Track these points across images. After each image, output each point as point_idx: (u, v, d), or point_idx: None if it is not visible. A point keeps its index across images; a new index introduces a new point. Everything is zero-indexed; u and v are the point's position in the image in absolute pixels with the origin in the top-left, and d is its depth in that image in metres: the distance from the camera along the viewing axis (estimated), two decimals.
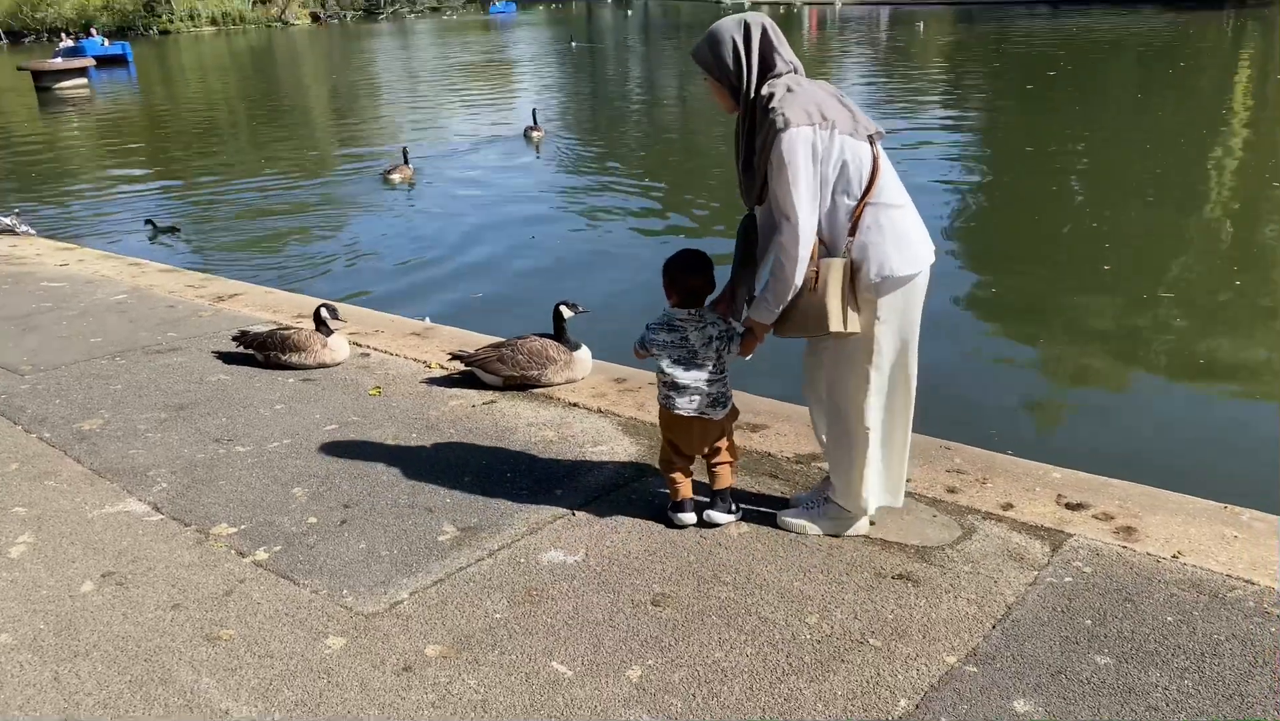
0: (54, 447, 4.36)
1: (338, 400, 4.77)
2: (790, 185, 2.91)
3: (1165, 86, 18.82)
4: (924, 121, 15.87)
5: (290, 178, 14.43)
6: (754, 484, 3.69)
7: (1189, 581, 2.98)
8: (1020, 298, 7.45)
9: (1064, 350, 6.41)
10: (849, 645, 2.77)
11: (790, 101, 2.92)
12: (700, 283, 3.27)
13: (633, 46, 40.81)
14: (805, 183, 2.91)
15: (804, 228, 2.93)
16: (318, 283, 8.74)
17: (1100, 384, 6.03)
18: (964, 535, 3.30)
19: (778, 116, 2.90)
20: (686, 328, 3.27)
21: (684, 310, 3.29)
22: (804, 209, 2.92)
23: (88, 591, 3.21)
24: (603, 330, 6.67)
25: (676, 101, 22.72)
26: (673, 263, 3.31)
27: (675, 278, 3.29)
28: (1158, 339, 6.55)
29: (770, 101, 2.95)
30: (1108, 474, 3.69)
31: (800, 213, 2.92)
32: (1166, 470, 4.12)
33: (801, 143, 2.89)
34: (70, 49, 39.46)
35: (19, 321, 6.34)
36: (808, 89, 2.98)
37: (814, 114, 2.91)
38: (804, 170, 2.90)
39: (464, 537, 3.43)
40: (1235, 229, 8.90)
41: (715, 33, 3.07)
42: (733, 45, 3.01)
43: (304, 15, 75.96)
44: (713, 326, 3.27)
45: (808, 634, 2.83)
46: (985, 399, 5.75)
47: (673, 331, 3.29)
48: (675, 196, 11.87)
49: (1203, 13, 34.96)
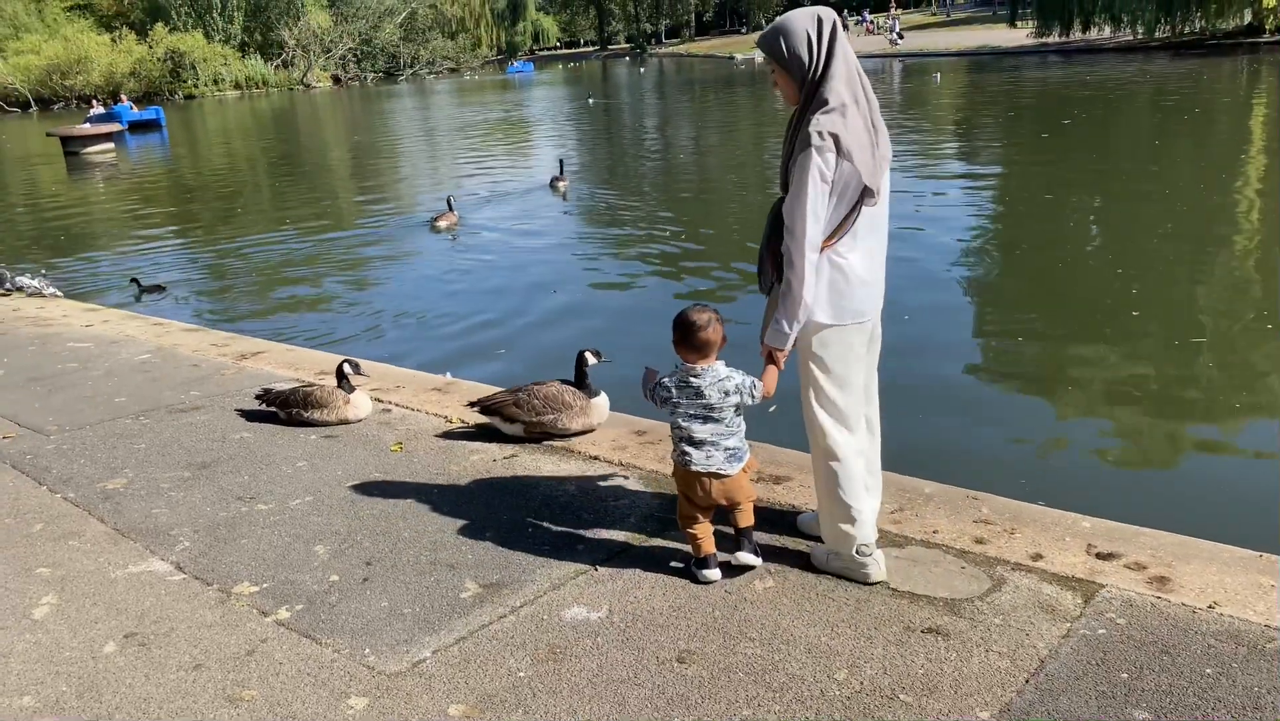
0: (78, 507, 4.37)
1: (360, 456, 4.78)
2: (802, 200, 3.00)
3: (1181, 133, 18.86)
4: (942, 170, 15.94)
5: (317, 235, 14.61)
6: (777, 537, 3.65)
7: (1227, 632, 2.91)
8: (1047, 345, 7.40)
9: (1090, 398, 6.35)
10: (879, 701, 2.71)
11: (833, 122, 2.99)
12: (708, 337, 3.26)
13: (649, 102, 41.38)
14: (813, 201, 3.00)
15: (809, 242, 3.01)
16: (341, 339, 8.80)
17: (1128, 431, 5.96)
18: (994, 587, 3.25)
19: (813, 133, 2.97)
20: (701, 383, 3.26)
21: (698, 366, 3.27)
22: (810, 224, 3.00)
23: (110, 652, 3.20)
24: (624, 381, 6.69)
25: (694, 153, 22.97)
26: (681, 320, 3.29)
27: (685, 334, 3.28)
28: (1186, 385, 6.48)
29: (818, 110, 3.01)
30: (1139, 522, 3.63)
31: (807, 227, 3.00)
32: (1199, 518, 4.05)
33: (824, 167, 2.98)
34: (102, 115, 40.21)
35: (46, 382, 6.40)
36: (853, 117, 3.04)
37: (845, 141, 2.98)
38: (815, 190, 2.99)
39: (486, 594, 3.40)
40: (1261, 274, 8.84)
41: (788, 24, 3.09)
42: (806, 38, 3.04)
43: (325, 78, 77.55)
44: (729, 379, 3.26)
45: (836, 690, 2.77)
46: (1011, 448, 5.70)
47: (687, 387, 3.28)
48: (697, 245, 11.92)
49: (1215, 59, 35.15)
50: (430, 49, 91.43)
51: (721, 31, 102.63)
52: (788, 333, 3.11)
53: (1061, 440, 5.85)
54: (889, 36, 55.59)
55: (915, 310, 8.13)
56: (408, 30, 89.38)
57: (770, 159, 18.55)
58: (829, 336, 3.19)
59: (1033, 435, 5.92)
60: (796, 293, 3.05)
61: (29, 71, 66.75)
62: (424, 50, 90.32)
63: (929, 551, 3.50)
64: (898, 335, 7.38)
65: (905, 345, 7.26)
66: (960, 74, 37.16)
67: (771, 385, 3.24)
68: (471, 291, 10.40)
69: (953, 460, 5.20)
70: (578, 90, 49.55)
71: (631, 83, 55.31)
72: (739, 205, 14.68)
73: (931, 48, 52.37)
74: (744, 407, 3.31)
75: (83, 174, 25.59)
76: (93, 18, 75.31)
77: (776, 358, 3.19)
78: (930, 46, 52.80)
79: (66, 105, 65.29)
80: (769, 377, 3.23)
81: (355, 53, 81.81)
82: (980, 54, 47.79)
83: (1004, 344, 7.65)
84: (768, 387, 3.24)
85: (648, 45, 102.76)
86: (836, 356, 3.21)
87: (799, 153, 3.02)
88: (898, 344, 7.16)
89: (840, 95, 3.03)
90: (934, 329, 7.85)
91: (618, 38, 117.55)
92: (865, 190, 3.06)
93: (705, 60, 70.90)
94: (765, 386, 3.24)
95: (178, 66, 69.02)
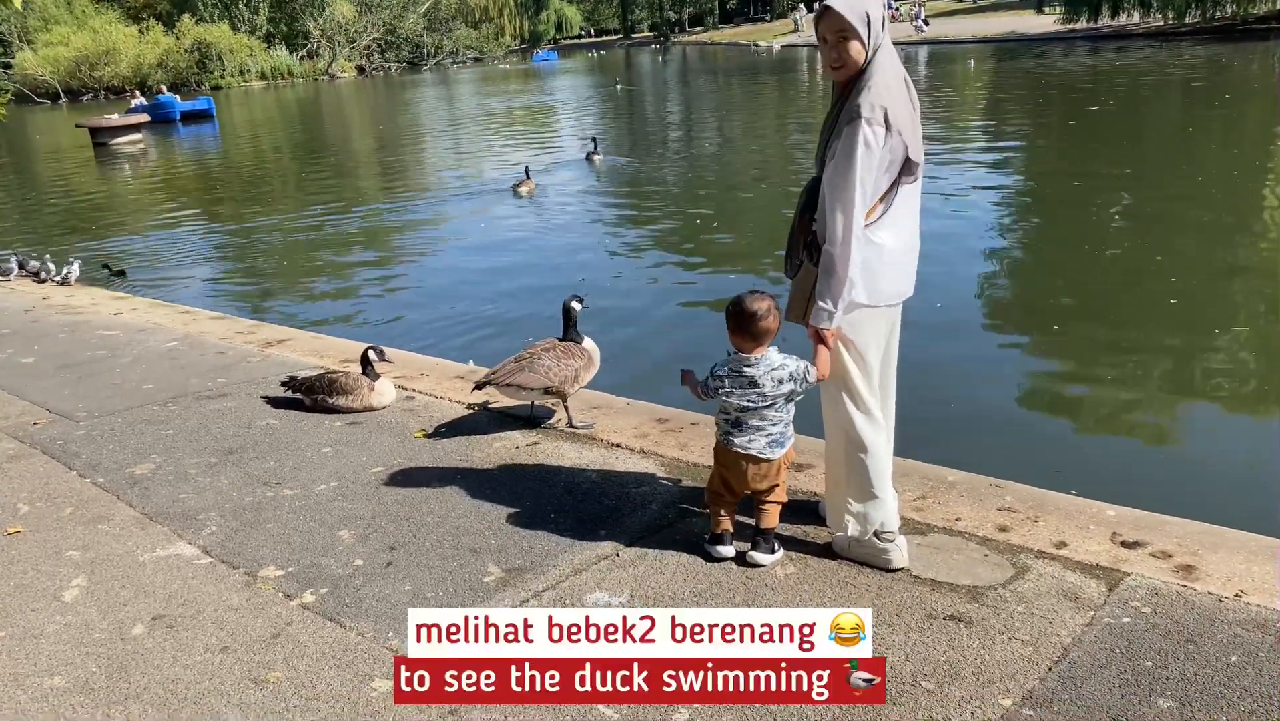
0: (107, 492, 4.43)
1: (383, 443, 4.81)
2: (851, 170, 2.96)
3: (1212, 120, 18.60)
4: (971, 156, 15.80)
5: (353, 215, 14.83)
6: (799, 524, 3.64)
7: (1253, 621, 2.88)
8: (1075, 333, 7.32)
9: (1117, 386, 6.29)
10: (901, 687, 2.71)
11: (886, 95, 2.97)
12: (769, 325, 3.22)
13: (673, 87, 41.48)
14: (862, 171, 2.97)
15: (856, 214, 2.98)
16: (367, 326, 8.85)
17: (1153, 419, 5.91)
18: (1017, 574, 3.23)
19: (864, 104, 2.95)
20: (755, 372, 3.24)
21: (752, 355, 3.25)
22: (857, 195, 2.98)
23: (139, 634, 3.25)
24: (644, 367, 6.70)
25: (717, 134, 23.11)
26: (739, 308, 3.24)
27: (743, 322, 3.23)
28: (1215, 373, 6.41)
29: (869, 81, 2.99)
30: (1164, 511, 3.60)
31: (855, 197, 2.97)
32: (1225, 507, 4.01)
33: (873, 139, 2.96)
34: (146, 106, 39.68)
35: (75, 369, 6.49)
36: (900, 91, 3.03)
37: (894, 116, 2.97)
38: (862, 164, 2.96)
39: (509, 579, 3.42)
40: None
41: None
42: (881, 6, 3.03)
43: (350, 69, 77.79)
44: (782, 368, 3.23)
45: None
46: (1036, 436, 5.66)
47: (740, 375, 3.26)
48: (729, 226, 11.89)
49: (1246, 44, 34.60)
50: (454, 39, 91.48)
51: (746, 19, 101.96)
52: (834, 310, 3.06)
53: (1087, 428, 5.81)
54: (914, 23, 55.05)
55: (943, 295, 8.08)
56: (431, 20, 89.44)
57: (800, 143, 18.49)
58: (861, 317, 3.16)
59: (1058, 423, 5.88)
60: (841, 270, 3.01)
61: (58, 63, 67.37)
62: (448, 40, 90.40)
63: (952, 539, 3.49)
64: (927, 321, 7.42)
65: (934, 331, 7.23)
66: (987, 60, 36.79)
67: (826, 368, 3.19)
68: (499, 278, 10.42)
69: (977, 448, 5.17)
70: (602, 78, 49.53)
71: (655, 71, 55.21)
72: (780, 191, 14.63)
73: (957, 34, 51.81)
74: (797, 395, 3.29)
75: (111, 163, 25.82)
76: (120, 9, 75.85)
77: (825, 337, 3.14)
78: (956, 33, 52.23)
79: (95, 96, 65.85)
80: (821, 360, 3.18)
81: (380, 43, 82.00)
82: (1007, 41, 47.25)
83: (1032, 331, 7.59)
84: (821, 370, 3.20)
85: (671, 33, 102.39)
86: (867, 338, 3.19)
87: (845, 125, 2.99)
88: (926, 329, 7.21)
89: (889, 69, 3.02)
90: (962, 315, 7.81)
91: (641, 26, 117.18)
92: (908, 164, 3.04)
93: (729, 48, 70.60)
94: (819, 370, 3.20)
95: (204, 58, 69.43)
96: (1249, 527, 3.45)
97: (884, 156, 3.01)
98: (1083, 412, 6.03)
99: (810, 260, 3.15)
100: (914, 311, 3.43)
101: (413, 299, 9.97)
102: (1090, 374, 6.58)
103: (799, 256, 3.22)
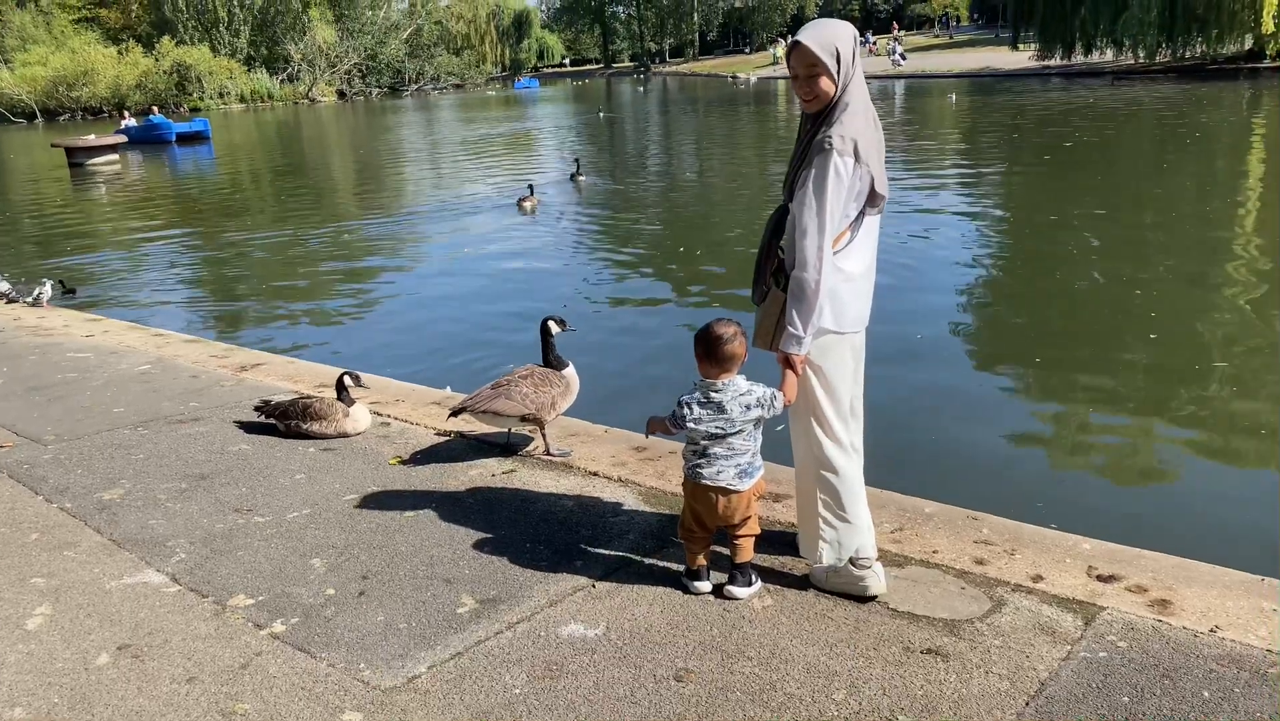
0: (74, 517, 4.35)
1: (358, 470, 4.76)
2: (821, 199, 3.02)
3: (1183, 156, 18.88)
4: (947, 188, 15.95)
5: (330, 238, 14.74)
6: (776, 556, 3.63)
7: (1228, 657, 2.89)
8: (1051, 365, 7.36)
9: (1093, 419, 6.33)
10: None
11: (855, 128, 3.03)
12: (734, 350, 3.23)
13: (653, 117, 41.90)
14: (831, 201, 3.02)
15: (825, 240, 3.03)
16: (344, 351, 8.78)
17: (1129, 453, 5.94)
18: (994, 608, 3.22)
19: (835, 135, 3.01)
20: (723, 397, 3.24)
21: (719, 380, 3.25)
22: (827, 223, 3.03)
23: (103, 664, 3.18)
24: (626, 395, 6.67)
25: (695, 160, 23.39)
26: (706, 334, 3.26)
27: (710, 348, 3.24)
28: (1189, 407, 6.46)
29: (841, 114, 3.05)
30: (1140, 545, 3.61)
31: (825, 224, 3.02)
32: (1200, 541, 4.03)
33: (843, 169, 3.02)
34: (138, 127, 39.04)
35: (44, 391, 6.39)
36: (869, 123, 3.09)
37: (862, 148, 3.03)
38: (832, 193, 3.02)
39: (483, 610, 3.38)
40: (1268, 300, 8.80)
41: (839, 26, 3.11)
42: (851, 41, 3.09)
43: (330, 93, 77.87)
44: (750, 394, 3.24)
45: (835, 710, 2.75)
46: (1013, 468, 5.68)
47: (708, 403, 3.26)
48: (713, 254, 11.91)
49: (1215, 83, 35.23)
50: (435, 65, 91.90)
51: (725, 51, 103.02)
52: (803, 336, 3.09)
53: (1063, 460, 5.83)
54: (892, 58, 55.77)
55: (923, 327, 8.13)
56: (413, 46, 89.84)
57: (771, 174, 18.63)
58: (828, 343, 3.20)
59: (1034, 455, 5.90)
60: (811, 295, 3.04)
61: (35, 83, 67.07)
62: (429, 66, 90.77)
63: (929, 571, 3.48)
64: (906, 351, 7.47)
65: (913, 361, 7.27)
66: (963, 95, 37.28)
67: (792, 393, 3.21)
68: (478, 301, 10.40)
69: (954, 480, 5.18)
70: (584, 106, 49.93)
71: (636, 100, 55.63)
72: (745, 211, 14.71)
73: (934, 69, 52.57)
74: (764, 421, 3.29)
75: (86, 184, 25.64)
76: (100, 30, 75.76)
77: (794, 362, 3.16)
78: (933, 68, 52.99)
79: (72, 117, 65.53)
80: (789, 385, 3.20)
81: (360, 68, 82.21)
82: (982, 76, 47.94)
83: (1010, 363, 7.63)
84: (788, 396, 3.21)
85: (651, 64, 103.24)
86: (834, 364, 3.22)
87: (816, 154, 3.04)
88: (906, 360, 7.26)
89: (859, 101, 3.08)
90: (940, 346, 7.84)
91: (622, 56, 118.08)
92: (873, 195, 3.10)
93: (708, 79, 71.33)
94: (786, 395, 3.21)
95: (184, 79, 69.33)
96: (1223, 562, 3.46)
97: (853, 185, 3.07)
98: (1058, 445, 6.06)
99: (778, 286, 3.18)
100: (894, 342, 3.46)
101: (390, 323, 9.93)
102: (1067, 406, 6.61)
103: (766, 283, 3.25)
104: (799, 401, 3.26)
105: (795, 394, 3.22)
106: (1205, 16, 37.55)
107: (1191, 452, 5.89)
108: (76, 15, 77.04)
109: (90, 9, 78.67)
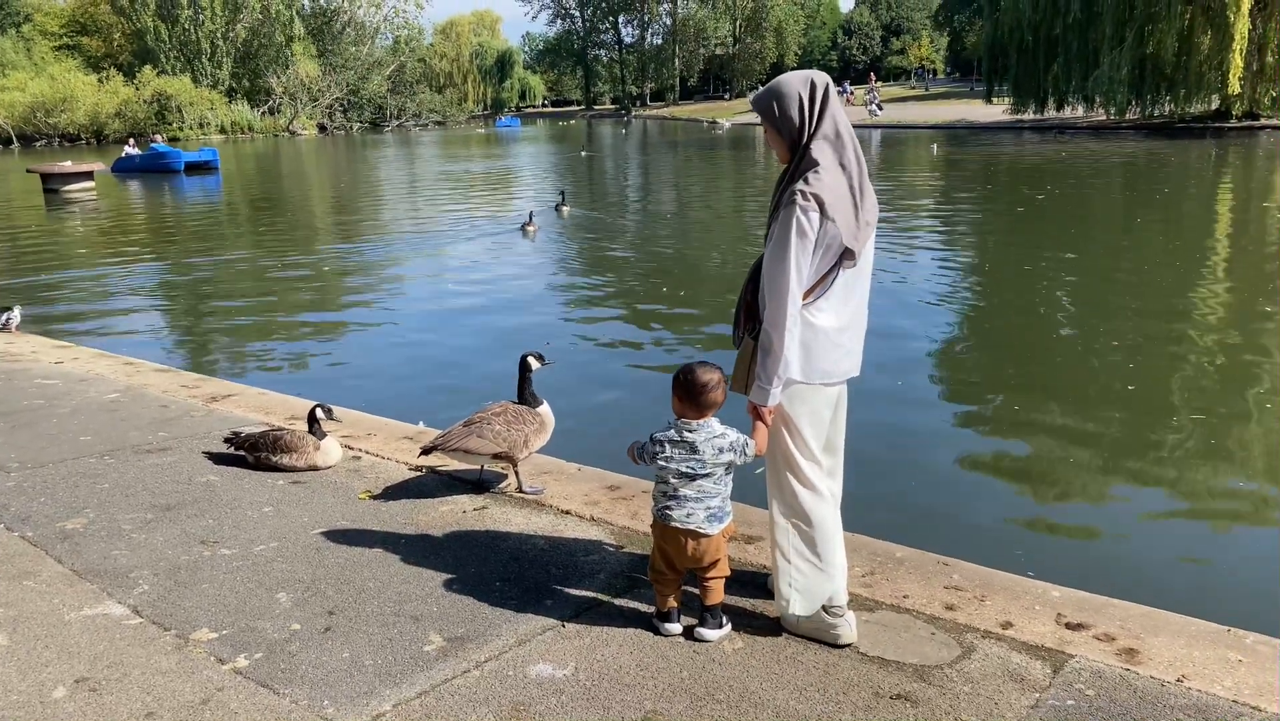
0: (35, 547, 4.27)
1: (327, 504, 4.71)
2: (785, 255, 3.03)
3: (1153, 210, 19.24)
4: (920, 238, 16.14)
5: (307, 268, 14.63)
6: (747, 598, 3.61)
7: (1195, 706, 2.90)
8: (1022, 414, 7.43)
9: (1062, 468, 6.38)
10: None
11: (818, 184, 3.04)
12: (715, 398, 3.24)
13: (633, 157, 42.55)
14: (796, 256, 3.03)
15: (791, 297, 3.04)
16: (317, 384, 8.71)
17: (1097, 501, 5.98)
18: (963, 654, 3.22)
19: (798, 192, 3.03)
20: (696, 438, 3.24)
21: (693, 421, 3.26)
22: (792, 279, 3.04)
23: (59, 698, 3.10)
24: (597, 433, 6.66)
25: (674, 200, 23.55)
26: (688, 378, 3.25)
27: (690, 392, 3.24)
28: (1162, 458, 6.52)
29: (807, 171, 3.07)
30: (1108, 593, 3.63)
31: (789, 282, 3.03)
32: (1167, 591, 4.06)
33: (807, 225, 3.02)
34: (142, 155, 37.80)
35: (9, 418, 6.30)
36: (838, 180, 3.09)
37: (829, 204, 3.04)
38: (796, 248, 3.03)
39: (450, 648, 3.34)
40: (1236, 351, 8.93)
41: (781, 86, 3.15)
42: (798, 100, 3.10)
43: (311, 126, 78.01)
44: (723, 437, 3.24)
45: None
46: (983, 515, 5.70)
47: (681, 442, 3.26)
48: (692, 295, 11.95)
49: (1183, 141, 36.02)
50: (417, 102, 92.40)
51: (705, 96, 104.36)
52: (768, 389, 3.12)
53: (1033, 508, 5.86)
54: (869, 108, 56.65)
55: (901, 373, 8.19)
56: (395, 82, 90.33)
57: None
58: (799, 393, 3.21)
59: (1004, 502, 5.93)
60: (777, 348, 3.07)
61: (13, 108, 66.75)
62: (411, 103, 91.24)
63: (899, 616, 3.48)
64: (883, 397, 7.50)
65: (889, 407, 7.30)
66: (939, 146, 37.89)
67: (764, 443, 3.24)
68: (454, 335, 10.38)
69: (925, 525, 5.20)
70: (565, 145, 50.45)
71: (616, 141, 56.21)
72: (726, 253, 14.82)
73: (910, 120, 53.46)
74: (734, 467, 3.30)
75: (62, 210, 25.45)
76: (81, 58, 75.64)
77: (764, 415, 3.18)
78: (909, 119, 53.90)
79: (49, 143, 65.19)
80: (760, 436, 3.22)
81: (342, 102, 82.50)
82: (957, 128, 48.80)
83: (985, 411, 7.69)
84: (759, 446, 3.23)
85: (632, 106, 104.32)
86: (805, 414, 3.23)
87: (783, 208, 3.07)
88: (877, 405, 7.28)
89: (827, 158, 3.09)
90: (916, 393, 7.89)
91: (603, 98, 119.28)
92: (845, 251, 3.10)
93: (687, 123, 72.24)
94: (757, 445, 3.23)
95: (164, 109, 69.23)
96: (1190, 612, 3.49)
97: (820, 241, 3.07)
98: (1030, 492, 6.09)
99: (751, 334, 3.20)
100: (872, 387, 3.48)
101: (366, 355, 9.87)
102: (1040, 454, 6.66)
103: (742, 329, 3.26)
104: (771, 449, 3.28)
105: (765, 444, 3.24)
106: (1174, 77, 38.49)
107: (1161, 502, 5.95)
108: (58, 42, 76.97)
109: (72, 36, 78.65)
